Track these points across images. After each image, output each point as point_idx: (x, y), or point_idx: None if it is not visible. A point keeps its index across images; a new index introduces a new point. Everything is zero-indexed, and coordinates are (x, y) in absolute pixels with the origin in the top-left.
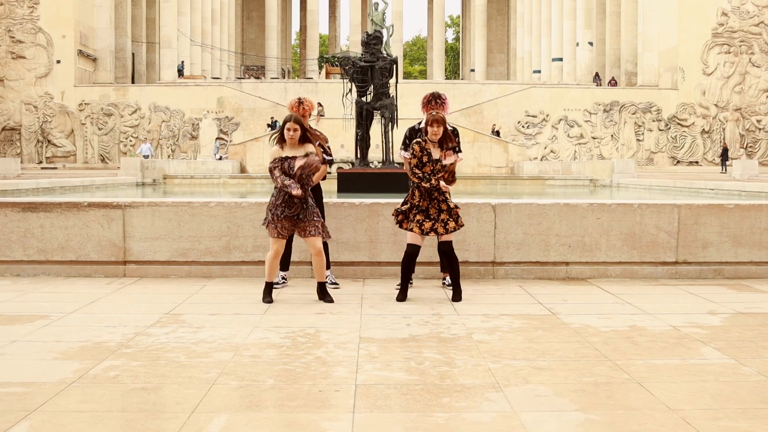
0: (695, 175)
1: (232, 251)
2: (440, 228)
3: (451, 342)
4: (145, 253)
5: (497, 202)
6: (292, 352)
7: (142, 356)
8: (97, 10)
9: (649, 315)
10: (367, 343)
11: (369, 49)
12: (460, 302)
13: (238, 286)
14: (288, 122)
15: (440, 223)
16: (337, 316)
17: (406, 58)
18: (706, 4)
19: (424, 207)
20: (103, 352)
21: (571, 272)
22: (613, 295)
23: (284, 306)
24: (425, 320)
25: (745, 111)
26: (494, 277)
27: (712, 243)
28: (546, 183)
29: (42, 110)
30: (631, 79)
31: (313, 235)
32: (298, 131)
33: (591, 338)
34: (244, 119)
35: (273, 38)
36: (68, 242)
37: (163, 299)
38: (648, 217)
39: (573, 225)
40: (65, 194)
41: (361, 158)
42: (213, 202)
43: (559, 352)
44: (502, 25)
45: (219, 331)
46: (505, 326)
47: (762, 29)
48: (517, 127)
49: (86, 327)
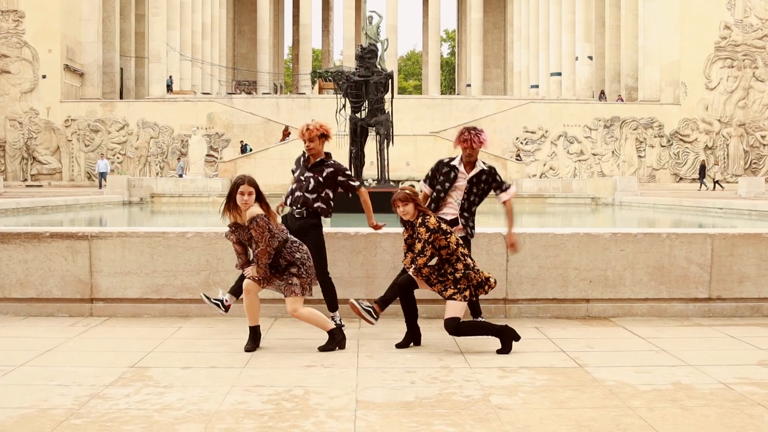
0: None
1: (211, 287)
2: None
3: (465, 408)
4: (114, 289)
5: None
6: (275, 423)
7: (94, 430)
8: (84, 24)
9: (692, 367)
10: (366, 410)
11: (363, 63)
12: (471, 352)
13: (217, 328)
14: (241, 185)
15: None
16: (330, 370)
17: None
18: (709, 17)
19: None
20: (47, 424)
21: (592, 310)
22: (644, 339)
23: (268, 356)
24: (433, 376)
25: (749, 126)
26: (506, 316)
27: (750, 277)
28: (546, 201)
29: (27, 126)
30: (632, 94)
31: (287, 295)
32: (253, 195)
33: (631, 401)
34: (235, 135)
35: (265, 53)
36: (28, 277)
37: (130, 346)
38: (678, 248)
39: (594, 257)
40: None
41: (356, 176)
42: (190, 232)
43: (596, 422)
44: (499, 39)
45: (190, 391)
46: (527, 384)
47: (766, 42)
48: (515, 143)
49: (34, 386)
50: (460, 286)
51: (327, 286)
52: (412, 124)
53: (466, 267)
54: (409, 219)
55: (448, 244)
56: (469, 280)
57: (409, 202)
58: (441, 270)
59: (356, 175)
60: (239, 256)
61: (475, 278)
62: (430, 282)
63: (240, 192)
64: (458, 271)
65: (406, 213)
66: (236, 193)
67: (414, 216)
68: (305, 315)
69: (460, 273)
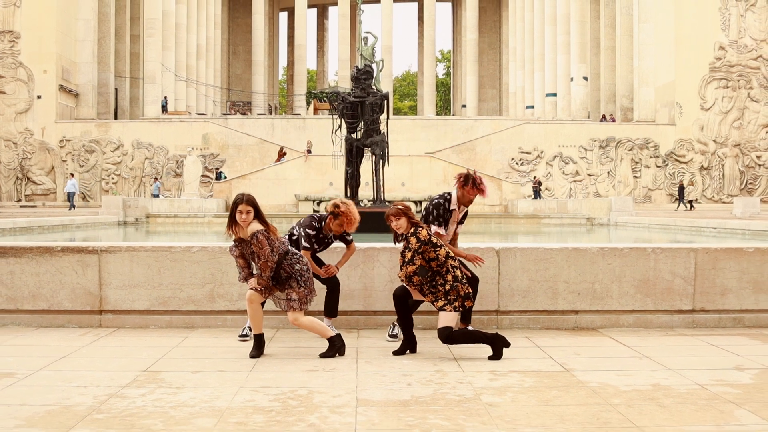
0: (695, 212)
1: (216, 300)
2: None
3: (458, 405)
4: (122, 301)
5: (501, 247)
6: (283, 417)
7: (116, 423)
8: (80, 44)
9: (671, 371)
10: (366, 407)
11: (359, 84)
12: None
13: (222, 338)
14: (239, 204)
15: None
16: (331, 373)
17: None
18: (703, 38)
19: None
20: (72, 418)
21: (581, 321)
22: (629, 347)
23: (272, 362)
24: (428, 378)
25: (745, 147)
26: (498, 327)
27: (732, 289)
28: (542, 222)
29: (22, 147)
30: (627, 115)
31: (286, 310)
32: (251, 212)
33: (612, 399)
34: (230, 156)
35: (260, 73)
36: (40, 290)
37: (140, 353)
38: (662, 262)
39: (582, 271)
40: (44, 233)
41: (351, 196)
42: (196, 247)
43: (578, 416)
44: (494, 60)
45: (201, 392)
46: (515, 385)
47: (761, 63)
48: (510, 164)
49: (55, 387)
50: (450, 298)
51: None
52: (408, 144)
53: (455, 279)
54: (402, 232)
55: (437, 256)
56: (458, 291)
57: (401, 216)
58: (432, 282)
59: (352, 195)
60: (242, 269)
61: (462, 290)
62: (423, 292)
63: (239, 211)
64: (447, 282)
65: (400, 227)
66: (236, 212)
67: (407, 229)
68: (306, 323)
69: (449, 285)
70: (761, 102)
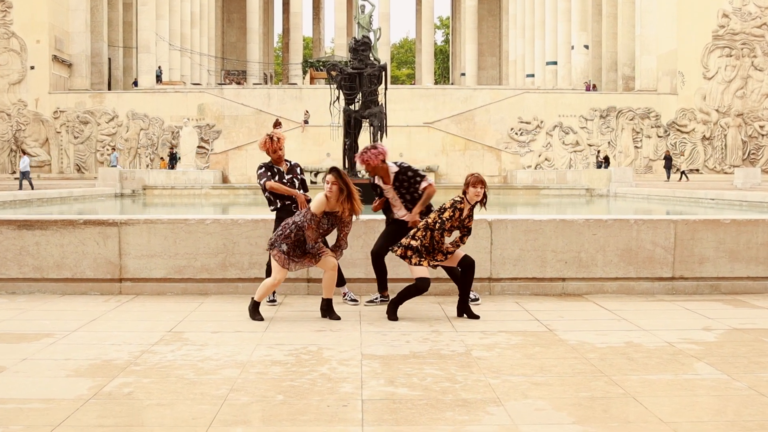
0: (696, 183)
1: (228, 268)
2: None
3: (451, 358)
4: (141, 270)
5: (493, 218)
6: (297, 368)
7: (153, 373)
8: (72, 14)
9: (644, 331)
10: (370, 360)
11: (357, 56)
12: (458, 318)
13: (235, 304)
14: (328, 174)
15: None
16: (338, 333)
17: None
18: (707, 6)
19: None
20: (113, 369)
21: (568, 288)
22: (610, 311)
23: (284, 323)
24: (424, 337)
25: (748, 116)
26: (491, 293)
27: (709, 258)
28: (540, 193)
29: (15, 118)
30: (629, 84)
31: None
32: (336, 185)
33: (587, 354)
34: (226, 127)
35: (254, 41)
36: (64, 260)
37: (163, 317)
38: (644, 232)
39: (569, 241)
40: (43, 206)
41: (350, 168)
42: (209, 219)
43: (556, 367)
44: (494, 27)
45: (223, 348)
46: (503, 342)
47: (765, 31)
48: (509, 134)
49: (92, 345)
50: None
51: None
52: (406, 114)
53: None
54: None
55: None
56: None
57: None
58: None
59: (350, 166)
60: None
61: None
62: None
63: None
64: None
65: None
66: (353, 190)
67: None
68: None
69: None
70: (765, 71)
